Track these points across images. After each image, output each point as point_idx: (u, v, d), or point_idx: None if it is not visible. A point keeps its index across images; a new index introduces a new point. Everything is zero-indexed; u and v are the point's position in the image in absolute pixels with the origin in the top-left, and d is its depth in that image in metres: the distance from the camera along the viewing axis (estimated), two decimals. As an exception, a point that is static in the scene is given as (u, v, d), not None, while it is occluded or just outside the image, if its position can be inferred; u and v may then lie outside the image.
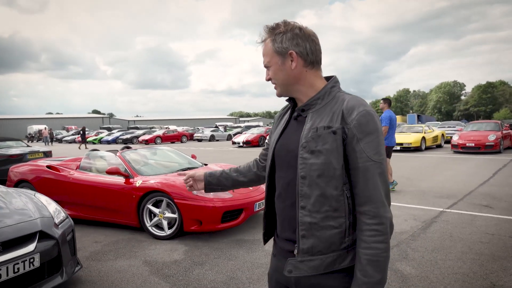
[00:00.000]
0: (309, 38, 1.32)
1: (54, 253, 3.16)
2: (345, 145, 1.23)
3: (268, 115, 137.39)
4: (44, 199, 3.71)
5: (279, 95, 1.40)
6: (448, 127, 23.80)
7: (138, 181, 4.94)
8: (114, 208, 5.08)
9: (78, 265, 3.56)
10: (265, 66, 1.38)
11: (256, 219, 5.60)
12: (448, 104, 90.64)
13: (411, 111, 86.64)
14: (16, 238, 2.94)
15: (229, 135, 34.73)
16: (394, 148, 7.58)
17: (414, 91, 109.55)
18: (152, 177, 5.03)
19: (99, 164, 5.69)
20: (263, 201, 5.23)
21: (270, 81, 1.38)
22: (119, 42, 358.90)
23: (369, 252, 1.20)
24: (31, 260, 2.93)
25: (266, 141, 1.61)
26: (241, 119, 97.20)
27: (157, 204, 4.84)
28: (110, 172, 5.02)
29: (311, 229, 1.26)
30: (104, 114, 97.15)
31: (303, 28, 1.32)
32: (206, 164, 6.19)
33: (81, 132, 30.38)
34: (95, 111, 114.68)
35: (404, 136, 16.83)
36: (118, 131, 39.49)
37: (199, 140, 33.71)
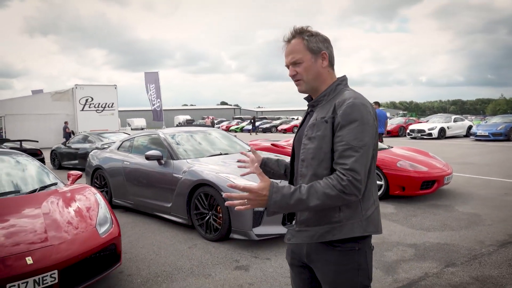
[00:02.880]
0: (330, 44, 1.52)
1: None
2: (334, 132, 1.39)
3: (393, 105, 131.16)
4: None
5: (302, 91, 1.52)
6: None
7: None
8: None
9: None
10: (293, 63, 1.48)
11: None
12: None
13: None
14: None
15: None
16: None
17: None
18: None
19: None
20: (452, 175, 6.44)
21: (294, 77, 1.50)
22: (242, 37, 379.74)
23: (317, 185, 1.32)
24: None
25: None
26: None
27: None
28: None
29: None
30: (231, 105, 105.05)
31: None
32: (391, 147, 7.55)
33: (252, 121, 34.37)
34: (223, 103, 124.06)
35: None
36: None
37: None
